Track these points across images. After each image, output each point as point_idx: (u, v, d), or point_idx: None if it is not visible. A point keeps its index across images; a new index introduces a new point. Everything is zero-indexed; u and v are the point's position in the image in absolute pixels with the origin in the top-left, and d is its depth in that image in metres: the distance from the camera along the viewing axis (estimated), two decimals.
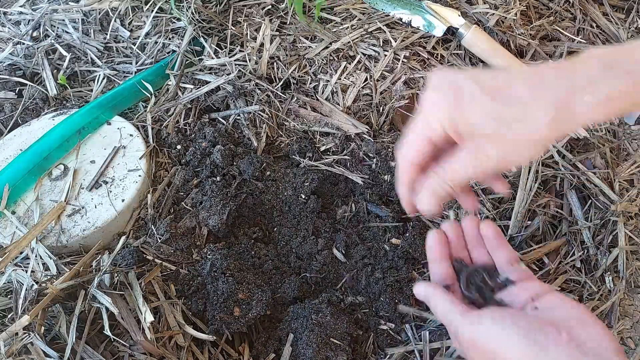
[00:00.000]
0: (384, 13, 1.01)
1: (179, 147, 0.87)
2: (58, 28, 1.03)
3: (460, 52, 0.99)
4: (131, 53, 1.01)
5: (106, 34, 1.02)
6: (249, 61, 0.94)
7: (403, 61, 0.93)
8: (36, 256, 0.69)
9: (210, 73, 0.95)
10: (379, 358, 0.70)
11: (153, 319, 0.61)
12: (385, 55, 0.94)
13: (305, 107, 0.91)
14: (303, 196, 0.82)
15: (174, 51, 0.97)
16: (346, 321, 0.70)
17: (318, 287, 0.77)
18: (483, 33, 0.96)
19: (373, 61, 0.94)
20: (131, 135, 0.87)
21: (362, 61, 0.94)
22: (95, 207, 0.77)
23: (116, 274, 0.65)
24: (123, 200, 0.78)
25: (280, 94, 0.91)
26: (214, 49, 0.97)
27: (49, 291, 0.60)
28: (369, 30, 0.98)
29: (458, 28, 0.96)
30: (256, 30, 0.98)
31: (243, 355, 0.69)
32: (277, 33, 0.98)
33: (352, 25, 0.99)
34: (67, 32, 1.02)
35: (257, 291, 0.69)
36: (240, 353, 0.70)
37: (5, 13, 1.07)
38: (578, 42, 1.04)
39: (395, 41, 0.95)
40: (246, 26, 0.99)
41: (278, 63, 0.94)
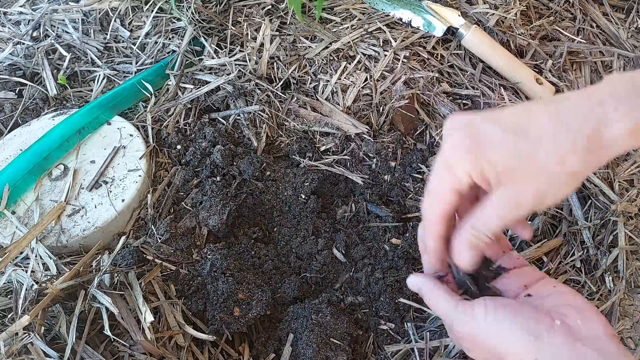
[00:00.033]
0: (384, 13, 1.01)
1: (179, 147, 0.87)
2: (58, 28, 1.03)
3: (460, 52, 0.99)
4: (131, 53, 1.01)
5: (106, 34, 1.02)
6: (249, 61, 0.94)
7: (403, 61, 0.93)
8: (36, 256, 0.69)
9: (210, 73, 0.95)
10: (379, 358, 0.70)
11: (153, 319, 0.61)
12: (385, 55, 0.94)
13: (305, 107, 0.91)
14: (303, 196, 0.82)
15: (174, 51, 0.97)
16: (346, 321, 0.70)
17: (318, 287, 0.77)
18: (483, 33, 0.96)
19: (373, 61, 0.94)
20: (131, 135, 0.87)
21: (362, 61, 0.94)
22: (95, 207, 0.77)
23: (116, 274, 0.65)
24: (123, 200, 0.78)
25: (280, 94, 0.91)
26: (214, 49, 0.97)
27: (49, 291, 0.60)
28: (369, 30, 0.98)
29: (458, 28, 0.96)
30: (256, 30, 0.98)
31: (243, 355, 0.69)
32: (277, 33, 0.98)
33: (352, 25, 0.99)
34: (67, 32, 1.02)
35: (257, 291, 0.69)
36: (240, 353, 0.70)
37: (5, 13, 1.07)
38: (578, 42, 1.04)
39: (395, 41, 0.95)
40: (246, 26, 0.99)
41: (278, 63, 0.94)
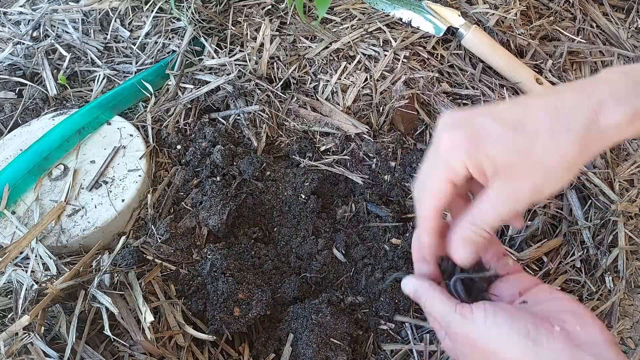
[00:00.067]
0: (384, 13, 1.01)
1: (179, 147, 0.87)
2: (58, 28, 1.03)
3: (460, 52, 0.99)
4: (131, 53, 1.01)
5: (106, 34, 1.02)
6: (249, 61, 0.94)
7: (403, 61, 0.93)
8: (36, 256, 0.69)
9: (210, 73, 0.95)
10: (379, 358, 0.70)
11: (153, 319, 0.61)
12: (385, 55, 0.94)
13: (305, 107, 0.91)
14: (303, 196, 0.82)
15: (174, 51, 0.97)
16: (346, 321, 0.70)
17: (318, 287, 0.77)
18: (483, 33, 0.96)
19: (373, 61, 0.94)
20: (131, 135, 0.87)
21: (362, 61, 0.94)
22: (95, 207, 0.77)
23: (116, 274, 0.65)
24: (123, 200, 0.78)
25: (280, 94, 0.91)
26: (214, 49, 0.97)
27: (49, 291, 0.60)
28: (369, 30, 0.98)
29: (458, 28, 0.96)
30: (256, 30, 0.98)
31: (243, 355, 0.69)
32: (277, 33, 0.98)
33: (352, 25, 0.99)
34: (67, 32, 1.02)
35: (257, 291, 0.69)
36: (240, 353, 0.70)
37: (5, 13, 1.07)
38: (578, 42, 1.04)
39: (395, 41, 0.95)
40: (246, 26, 0.99)
41: (278, 63, 0.94)
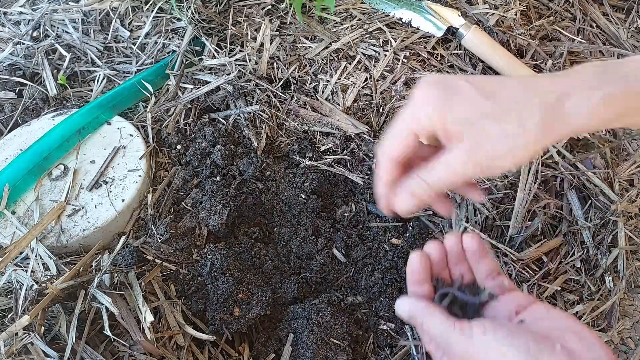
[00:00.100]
0: (384, 13, 1.01)
1: (179, 147, 0.87)
2: (58, 28, 1.03)
3: (460, 52, 0.99)
4: (131, 53, 1.01)
5: (106, 34, 1.02)
6: (249, 61, 0.94)
7: (403, 61, 0.93)
8: (36, 256, 0.69)
9: (210, 73, 0.95)
10: (379, 358, 0.70)
11: (153, 319, 0.61)
12: (385, 55, 0.94)
13: (305, 107, 0.91)
14: (303, 196, 0.82)
15: (174, 51, 0.97)
16: (346, 321, 0.70)
17: (318, 287, 0.77)
18: (483, 33, 0.96)
19: (373, 61, 0.94)
20: (131, 135, 0.87)
21: (362, 61, 0.94)
22: (95, 207, 0.77)
23: (116, 274, 0.65)
24: (123, 200, 0.78)
25: (280, 94, 0.91)
26: (214, 49, 0.97)
27: (49, 291, 0.60)
28: (369, 30, 0.98)
29: (458, 28, 0.96)
30: (256, 30, 0.98)
31: (243, 355, 0.69)
32: (277, 33, 0.98)
33: (352, 25, 0.99)
34: (67, 32, 1.02)
35: (257, 291, 0.69)
36: (240, 353, 0.70)
37: (5, 13, 1.07)
38: (578, 42, 1.03)
39: (395, 41, 0.95)
40: (246, 26, 0.99)
41: (278, 63, 0.94)
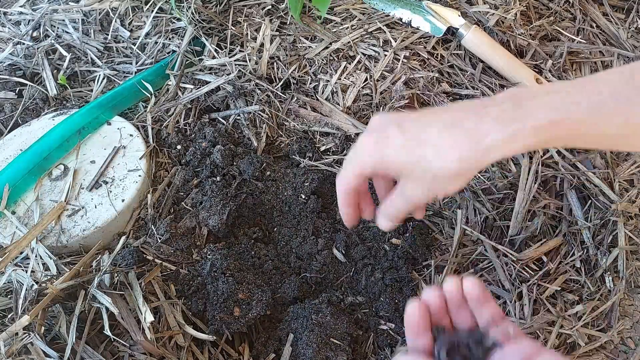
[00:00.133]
0: (384, 13, 1.01)
1: (179, 147, 0.87)
2: (58, 28, 1.03)
3: (460, 52, 0.99)
4: (131, 53, 1.01)
5: (106, 34, 1.02)
6: (249, 61, 0.94)
7: (403, 61, 0.93)
8: (36, 256, 0.69)
9: (210, 73, 0.95)
10: (379, 358, 0.70)
11: (153, 319, 0.61)
12: (385, 55, 0.94)
13: (305, 107, 0.91)
14: (303, 196, 0.82)
15: (174, 51, 0.97)
16: (346, 321, 0.70)
17: (318, 287, 0.77)
18: (483, 33, 0.96)
19: (373, 61, 0.94)
20: (131, 135, 0.87)
21: (362, 61, 0.94)
22: (95, 207, 0.77)
23: (116, 274, 0.65)
24: (123, 200, 0.78)
25: (280, 94, 0.91)
26: (214, 49, 0.97)
27: (49, 291, 0.60)
28: (369, 30, 0.98)
29: (458, 28, 0.96)
30: (256, 30, 0.98)
31: (243, 355, 0.69)
32: (277, 33, 0.98)
33: (352, 25, 0.99)
34: (67, 32, 1.02)
35: (257, 291, 0.69)
36: (240, 353, 0.70)
37: (5, 13, 1.07)
38: (578, 42, 1.04)
39: (395, 41, 0.95)
40: (246, 26, 0.99)
41: (278, 63, 0.94)
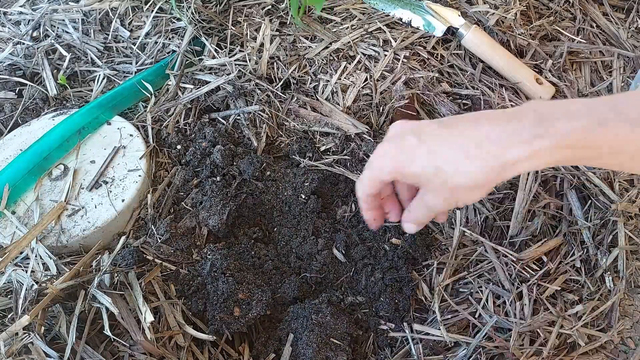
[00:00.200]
0: (384, 13, 1.01)
1: (179, 147, 0.87)
2: (58, 28, 1.03)
3: (460, 52, 0.99)
4: (131, 53, 1.01)
5: (106, 34, 1.02)
6: (249, 61, 0.94)
7: (403, 61, 0.93)
8: (36, 256, 0.69)
9: (210, 73, 0.95)
10: (379, 358, 0.70)
11: (153, 319, 0.61)
12: (385, 55, 0.94)
13: (305, 107, 0.91)
14: (303, 196, 0.82)
15: (174, 51, 0.97)
16: (346, 321, 0.70)
17: (318, 287, 0.77)
18: (483, 33, 0.96)
19: (373, 61, 0.94)
20: (131, 135, 0.87)
21: (362, 61, 0.94)
22: (95, 207, 0.77)
23: (116, 274, 0.65)
24: (123, 200, 0.78)
25: (280, 94, 0.91)
26: (214, 49, 0.97)
27: (49, 291, 0.60)
28: (369, 30, 0.98)
29: (458, 28, 0.96)
30: (256, 30, 0.98)
31: (243, 355, 0.69)
32: (277, 33, 0.98)
33: (352, 25, 0.99)
34: (67, 32, 1.02)
35: (257, 291, 0.69)
36: (240, 353, 0.70)
37: (5, 13, 1.07)
38: (578, 42, 1.04)
39: (395, 41, 0.95)
40: (246, 26, 0.99)
41: (278, 63, 0.94)
